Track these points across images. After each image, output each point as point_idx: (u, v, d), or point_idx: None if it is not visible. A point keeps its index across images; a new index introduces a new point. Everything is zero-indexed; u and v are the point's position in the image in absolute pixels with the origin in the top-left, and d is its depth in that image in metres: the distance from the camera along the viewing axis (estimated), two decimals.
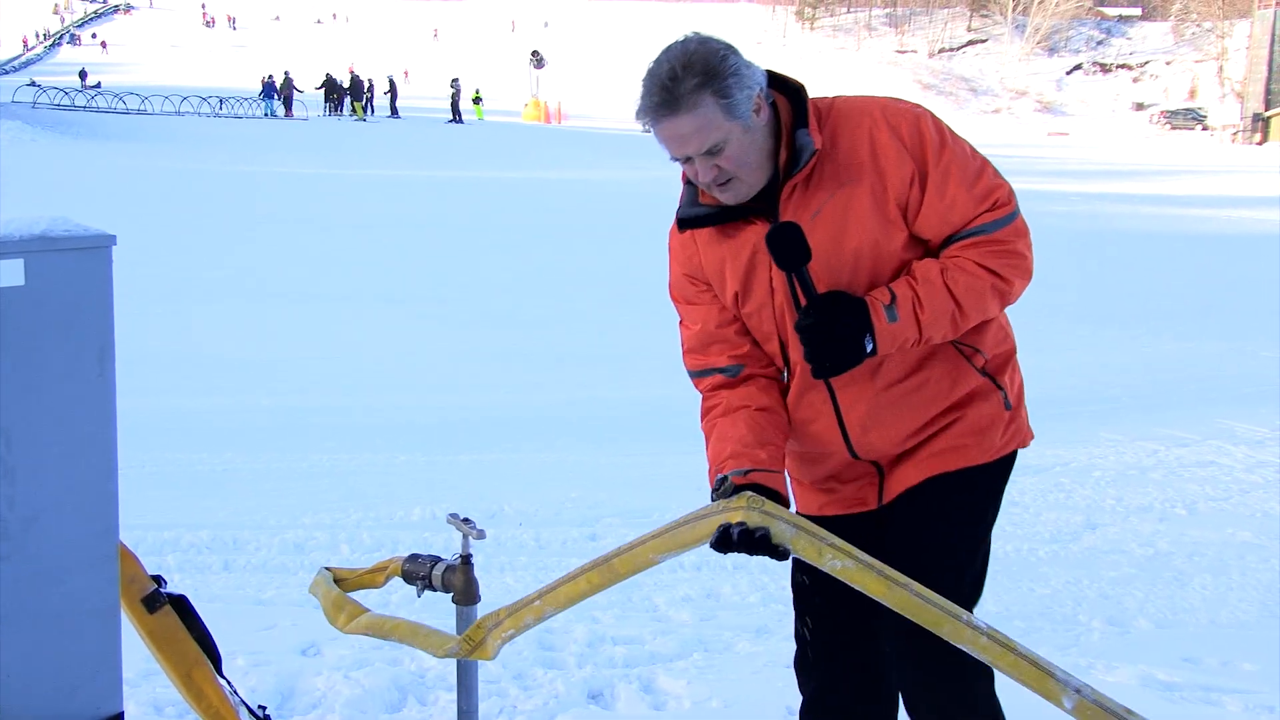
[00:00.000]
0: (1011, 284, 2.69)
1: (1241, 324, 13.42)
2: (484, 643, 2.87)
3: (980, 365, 2.80)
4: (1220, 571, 5.63)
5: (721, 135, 2.58)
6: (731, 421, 2.83)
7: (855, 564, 2.50)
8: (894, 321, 2.60)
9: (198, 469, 7.02)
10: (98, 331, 2.57)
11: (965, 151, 2.69)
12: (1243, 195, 33.31)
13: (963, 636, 2.45)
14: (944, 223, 2.66)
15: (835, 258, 2.67)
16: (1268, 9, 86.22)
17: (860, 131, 2.66)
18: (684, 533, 2.61)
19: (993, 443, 2.83)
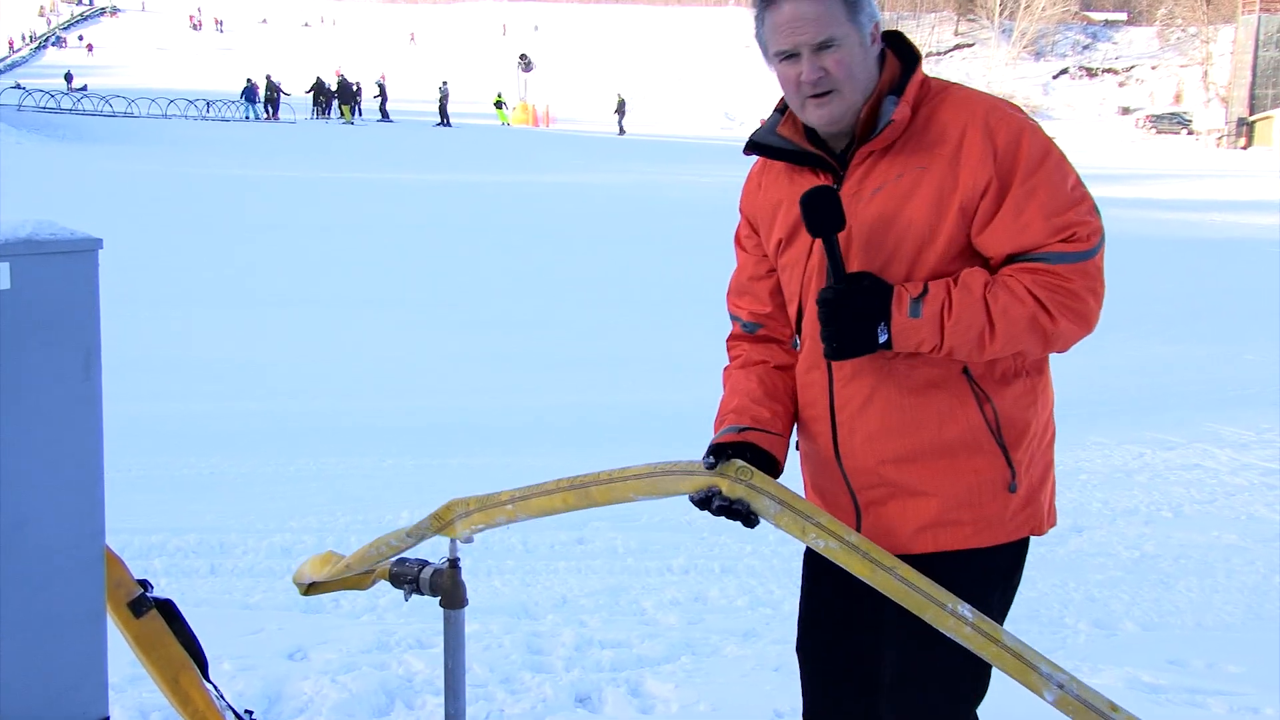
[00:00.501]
0: (1057, 323, 2.48)
1: (1227, 328, 13.47)
2: (452, 523, 2.91)
3: (990, 418, 2.59)
4: (1206, 574, 5.65)
5: (840, 32, 2.51)
6: (745, 375, 2.81)
7: (840, 545, 2.47)
8: (915, 317, 2.47)
9: (184, 473, 7.01)
10: (84, 335, 2.57)
11: (1063, 179, 2.53)
12: (1228, 199, 33.44)
13: (946, 624, 2.43)
14: (1011, 242, 2.50)
15: (879, 238, 2.56)
16: (1251, 14, 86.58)
17: (955, 122, 2.54)
18: (669, 483, 2.58)
19: (994, 521, 2.63)
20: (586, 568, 5.57)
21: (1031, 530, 2.68)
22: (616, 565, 5.62)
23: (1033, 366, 2.65)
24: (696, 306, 12.79)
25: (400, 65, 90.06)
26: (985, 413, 2.58)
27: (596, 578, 5.44)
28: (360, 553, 3.11)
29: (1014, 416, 2.61)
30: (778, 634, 4.80)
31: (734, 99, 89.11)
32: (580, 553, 5.77)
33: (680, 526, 6.16)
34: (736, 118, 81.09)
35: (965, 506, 2.60)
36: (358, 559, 3.12)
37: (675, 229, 21.33)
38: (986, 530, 2.62)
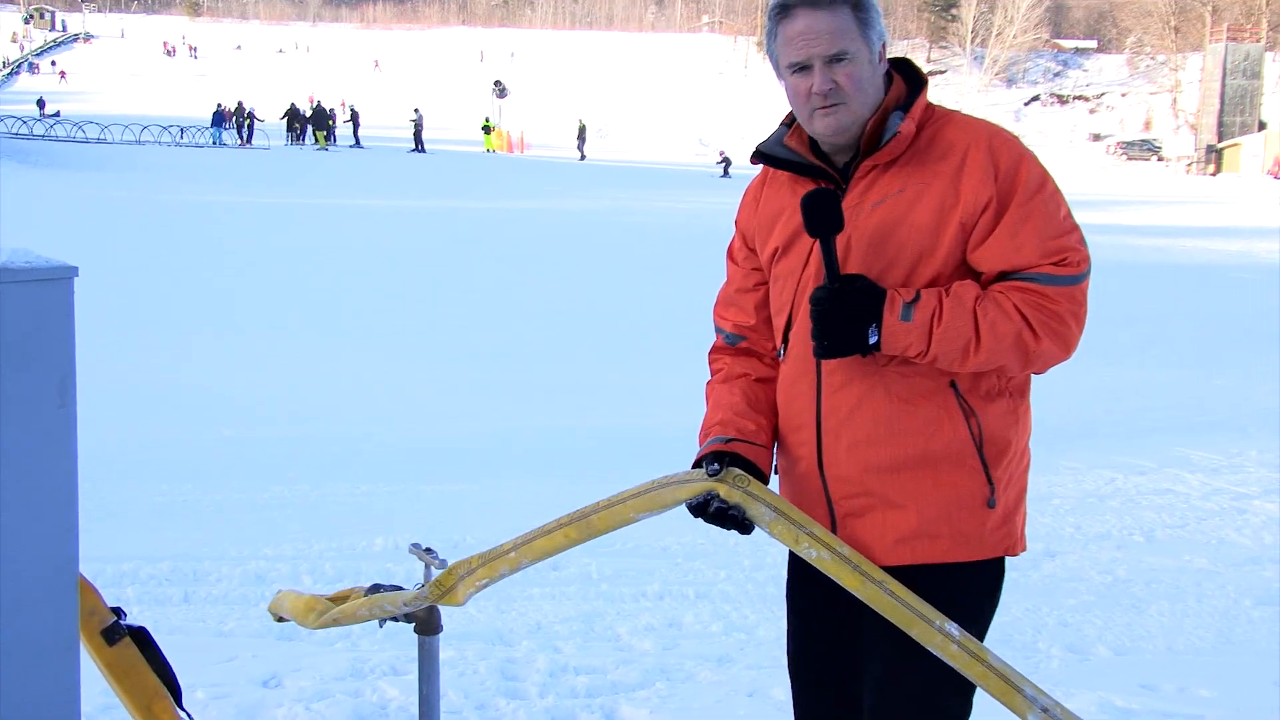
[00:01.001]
0: (1040, 342, 2.55)
1: (1196, 353, 13.57)
2: (454, 589, 2.85)
3: (975, 432, 2.64)
4: (1177, 598, 5.68)
5: (852, 46, 2.61)
6: (729, 389, 2.88)
7: (831, 555, 2.51)
8: (906, 321, 2.53)
9: (158, 500, 6.98)
10: (58, 363, 2.56)
11: (1057, 208, 2.61)
12: (1197, 226, 33.73)
13: (933, 641, 2.46)
14: (1005, 260, 2.58)
15: (878, 248, 2.63)
16: (1219, 43, 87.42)
17: (959, 143, 2.63)
18: (666, 494, 2.61)
19: (971, 536, 2.67)
20: (561, 594, 5.57)
21: (1006, 550, 2.72)
22: (591, 591, 5.62)
23: (1015, 389, 2.72)
24: (668, 332, 12.85)
25: (373, 92, 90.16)
26: (970, 426, 2.64)
27: (571, 604, 5.44)
28: (351, 609, 3.08)
29: (996, 434, 2.67)
30: (752, 659, 4.81)
31: (708, 125, 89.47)
32: (555, 579, 5.77)
33: (655, 553, 6.17)
34: (710, 144, 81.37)
35: (943, 520, 2.65)
36: (348, 615, 3.09)
37: (648, 255, 21.38)
38: (964, 545, 2.66)
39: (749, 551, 6.13)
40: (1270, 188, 60.66)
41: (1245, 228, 33.34)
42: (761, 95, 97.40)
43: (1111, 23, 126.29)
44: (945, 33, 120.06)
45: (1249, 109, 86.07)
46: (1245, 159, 79.19)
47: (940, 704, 2.72)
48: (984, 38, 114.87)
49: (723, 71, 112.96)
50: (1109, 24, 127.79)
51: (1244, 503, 7.36)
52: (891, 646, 2.66)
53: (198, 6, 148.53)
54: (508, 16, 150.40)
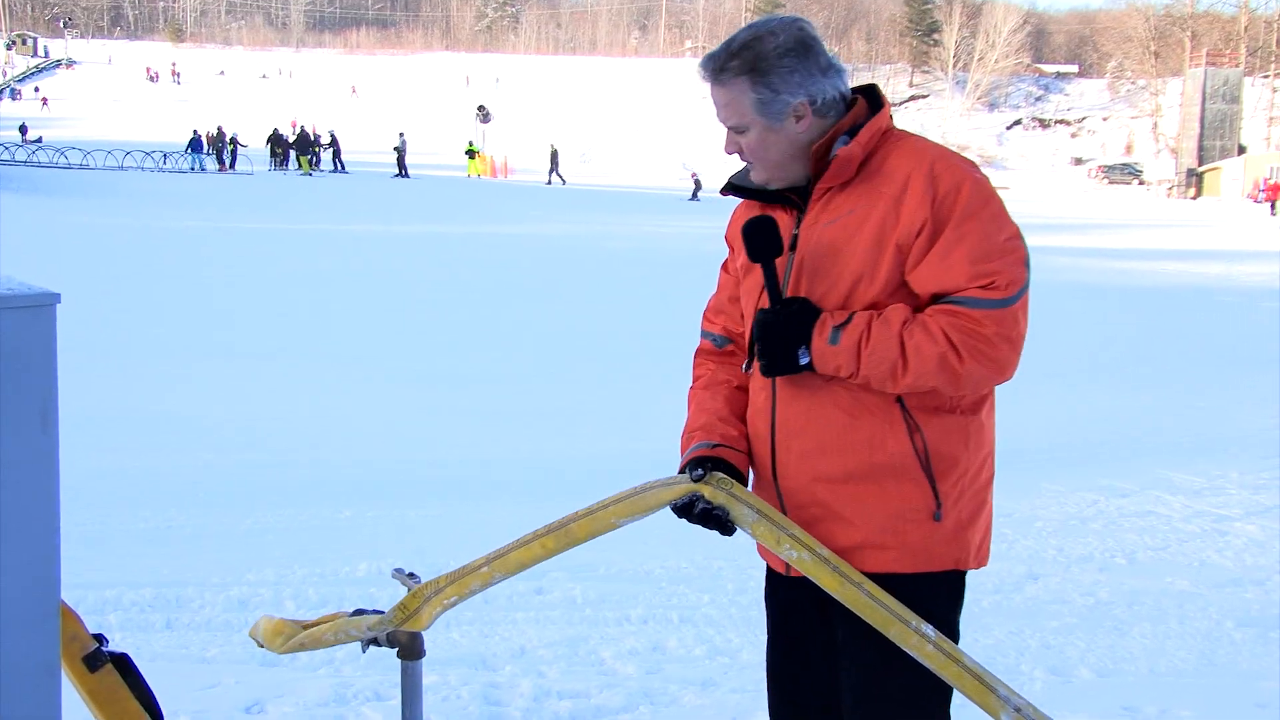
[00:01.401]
0: (965, 364, 2.59)
1: (1177, 375, 13.63)
2: (418, 611, 2.85)
3: (919, 447, 2.70)
4: (1159, 620, 5.70)
5: (744, 121, 2.75)
6: (711, 394, 2.98)
7: (811, 557, 2.56)
8: (834, 344, 2.62)
9: (140, 527, 6.96)
10: (41, 390, 2.56)
11: (997, 230, 2.65)
12: (1178, 249, 33.93)
13: (909, 642, 2.50)
14: (936, 282, 2.63)
15: (825, 268, 2.72)
16: (1198, 68, 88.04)
17: (903, 166, 2.69)
18: (649, 497, 2.65)
19: (918, 548, 2.73)
20: (545, 618, 5.56)
21: (957, 562, 2.77)
22: (575, 615, 5.61)
23: (968, 406, 2.77)
24: (651, 357, 12.87)
25: (356, 117, 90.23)
26: (914, 441, 2.70)
27: (555, 628, 5.44)
28: (316, 634, 3.08)
29: (943, 450, 2.72)
30: (736, 683, 4.81)
31: (692, 150, 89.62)
32: (539, 603, 5.76)
33: (639, 577, 6.17)
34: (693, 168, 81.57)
35: (888, 532, 2.72)
36: (313, 639, 3.09)
37: (631, 279, 21.44)
38: (909, 557, 2.72)
39: (733, 575, 6.14)
40: (1250, 211, 61.05)
41: (1226, 251, 33.55)
42: None
43: (1092, 47, 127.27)
44: (927, 57, 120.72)
45: (1229, 133, 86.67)
46: (1225, 183, 79.69)
47: (924, 707, 2.79)
48: (966, 62, 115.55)
49: (706, 96, 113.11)
50: (1090, 49, 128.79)
51: (1225, 525, 7.39)
52: (869, 649, 2.72)
53: (181, 32, 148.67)
54: (491, 42, 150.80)
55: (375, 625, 2.97)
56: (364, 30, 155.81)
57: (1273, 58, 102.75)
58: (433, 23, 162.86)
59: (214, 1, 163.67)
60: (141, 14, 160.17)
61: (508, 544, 2.76)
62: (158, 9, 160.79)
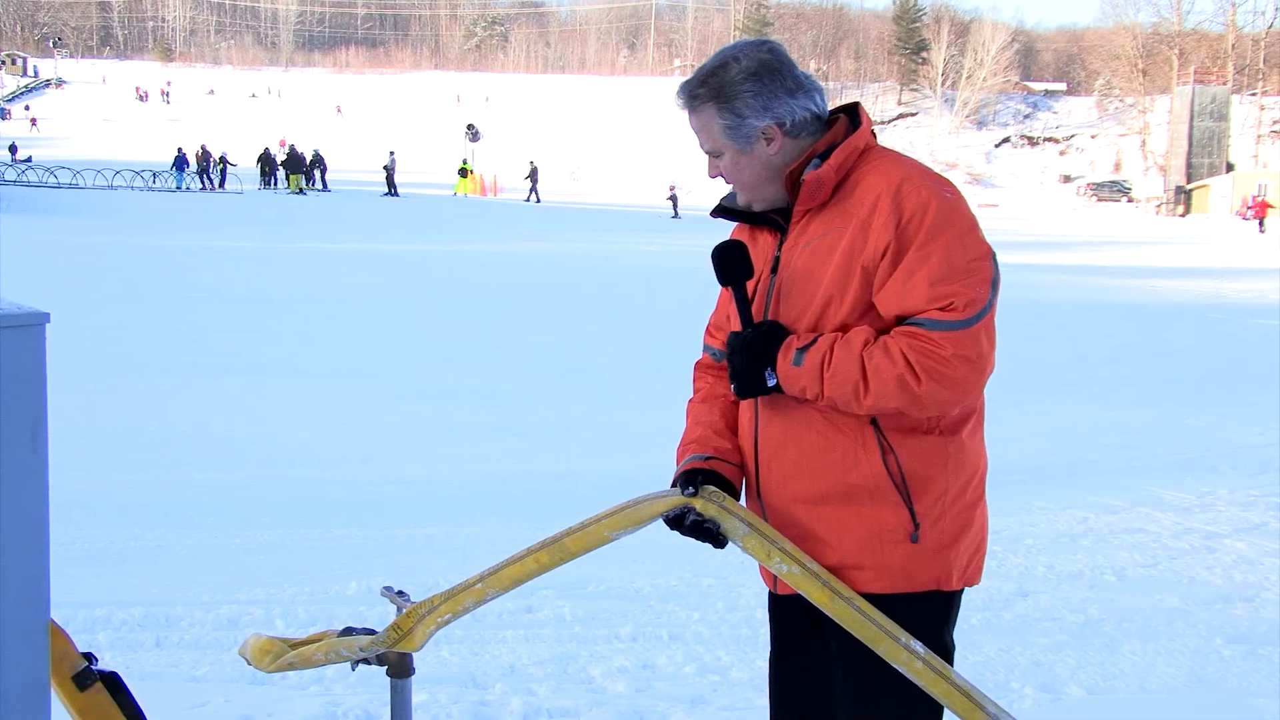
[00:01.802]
0: (922, 385, 2.59)
1: (1166, 393, 13.65)
2: (412, 631, 2.84)
3: (893, 468, 2.71)
4: (1149, 637, 5.71)
5: (716, 146, 2.80)
6: (708, 408, 3.02)
7: (802, 571, 2.58)
8: (797, 366, 2.66)
9: (129, 545, 6.94)
10: (30, 409, 2.57)
11: (962, 251, 2.65)
12: (1167, 266, 34.02)
13: (899, 658, 2.52)
14: (897, 304, 2.65)
15: (798, 291, 2.76)
16: (1186, 85, 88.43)
17: (873, 188, 2.71)
18: (642, 510, 2.67)
19: (896, 569, 2.74)
20: (534, 636, 5.56)
21: (938, 583, 2.77)
22: (564, 633, 5.61)
23: (947, 426, 2.78)
24: (640, 374, 12.87)
25: (345, 136, 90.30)
26: (888, 462, 2.71)
27: (544, 646, 5.43)
28: (306, 653, 3.07)
29: (918, 471, 2.73)
30: (725, 701, 4.80)
31: (681, 169, 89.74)
32: (528, 621, 5.76)
33: (628, 595, 6.17)
34: (684, 186, 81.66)
35: (865, 553, 2.73)
36: (303, 659, 3.08)
37: (620, 296, 21.47)
38: (887, 577, 2.74)
39: (722, 593, 6.14)
40: (1239, 229, 61.26)
41: (1215, 268, 33.65)
42: None
43: (1080, 65, 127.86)
44: (916, 75, 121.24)
45: (1217, 150, 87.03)
46: (1214, 200, 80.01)
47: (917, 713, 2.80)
48: (954, 80, 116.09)
49: None
50: (1078, 67, 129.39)
51: (1215, 541, 7.40)
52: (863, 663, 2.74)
53: (170, 52, 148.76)
54: (480, 61, 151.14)
55: (368, 646, 2.96)
56: (353, 50, 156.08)
57: (1260, 75, 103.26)
58: (422, 42, 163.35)
59: (203, 21, 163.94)
60: (131, 34, 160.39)
61: (501, 560, 2.76)
62: (147, 29, 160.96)
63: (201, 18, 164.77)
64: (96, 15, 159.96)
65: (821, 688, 3.00)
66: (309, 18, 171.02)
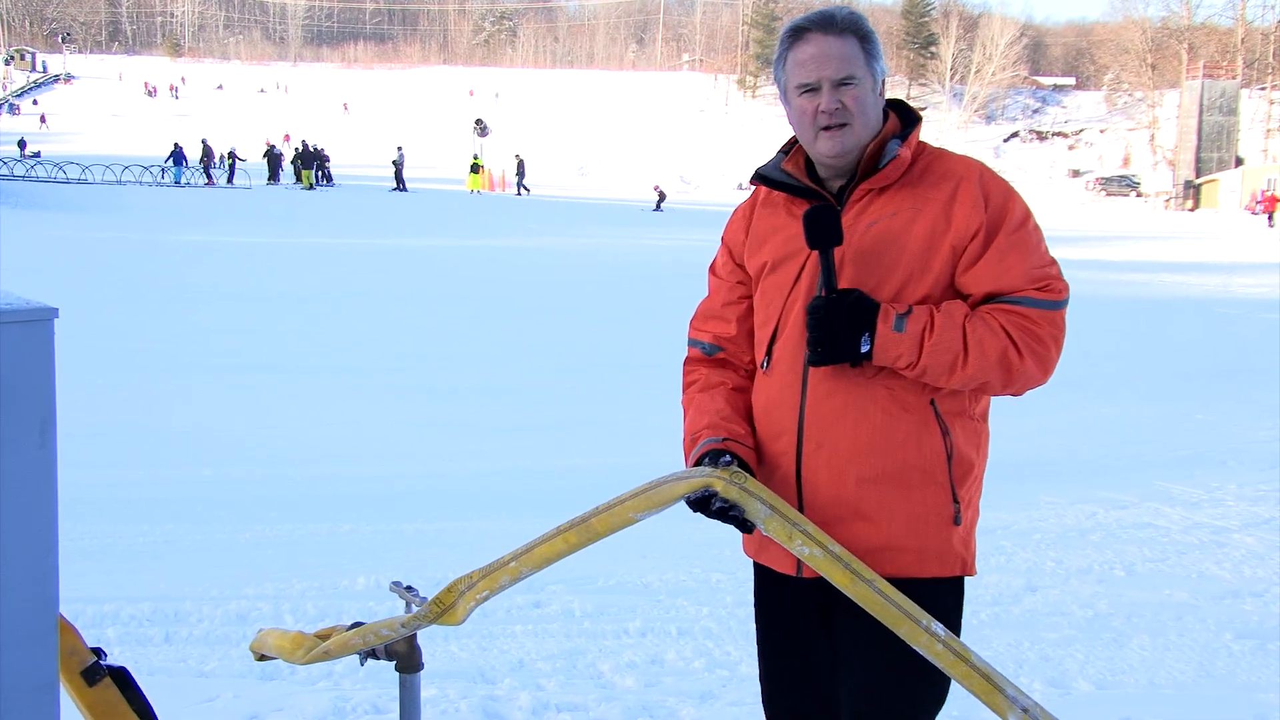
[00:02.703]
0: (1024, 360, 2.68)
1: (1176, 388, 13.64)
2: (454, 606, 2.83)
3: (949, 449, 2.77)
4: (1158, 632, 5.70)
5: (859, 72, 2.79)
6: (710, 396, 2.97)
7: (824, 554, 2.57)
8: (899, 332, 2.66)
9: (138, 541, 6.95)
10: (39, 404, 2.57)
11: (1039, 242, 2.78)
12: (1177, 261, 33.97)
13: (919, 641, 2.51)
14: (993, 282, 2.72)
15: (870, 267, 2.76)
16: (1195, 79, 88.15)
17: (951, 174, 2.79)
18: (665, 491, 2.64)
19: (934, 552, 2.78)
20: (543, 631, 5.56)
21: (964, 569, 2.83)
22: (573, 628, 5.61)
23: (979, 414, 2.87)
24: (647, 370, 12.86)
25: (352, 131, 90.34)
26: (946, 444, 2.76)
27: (553, 641, 5.44)
28: (342, 640, 3.06)
29: (964, 453, 2.80)
30: (734, 696, 4.81)
31: (690, 163, 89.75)
32: (537, 616, 5.76)
33: (637, 589, 6.17)
34: (692, 181, 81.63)
35: (911, 534, 2.76)
36: (339, 645, 3.07)
37: (627, 292, 21.46)
38: (928, 560, 2.77)
39: (731, 588, 6.14)
40: (1248, 223, 61.12)
41: (1224, 263, 33.59)
42: (743, 133, 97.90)
43: (1089, 60, 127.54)
44: (925, 70, 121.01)
45: (1226, 145, 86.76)
46: (1223, 195, 79.82)
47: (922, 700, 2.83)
48: (963, 75, 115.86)
49: (704, 109, 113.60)
50: (1087, 61, 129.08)
51: (1224, 536, 7.39)
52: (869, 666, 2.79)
53: (179, 47, 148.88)
54: (489, 56, 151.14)
55: (409, 622, 2.95)
56: (361, 44, 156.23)
57: (1270, 70, 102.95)
58: (430, 37, 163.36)
59: (211, 16, 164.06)
60: (140, 29, 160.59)
61: (532, 540, 2.76)
62: (155, 24, 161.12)
63: (210, 13, 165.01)
64: (105, 10, 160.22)
65: (816, 681, 2.98)
66: (317, 12, 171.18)
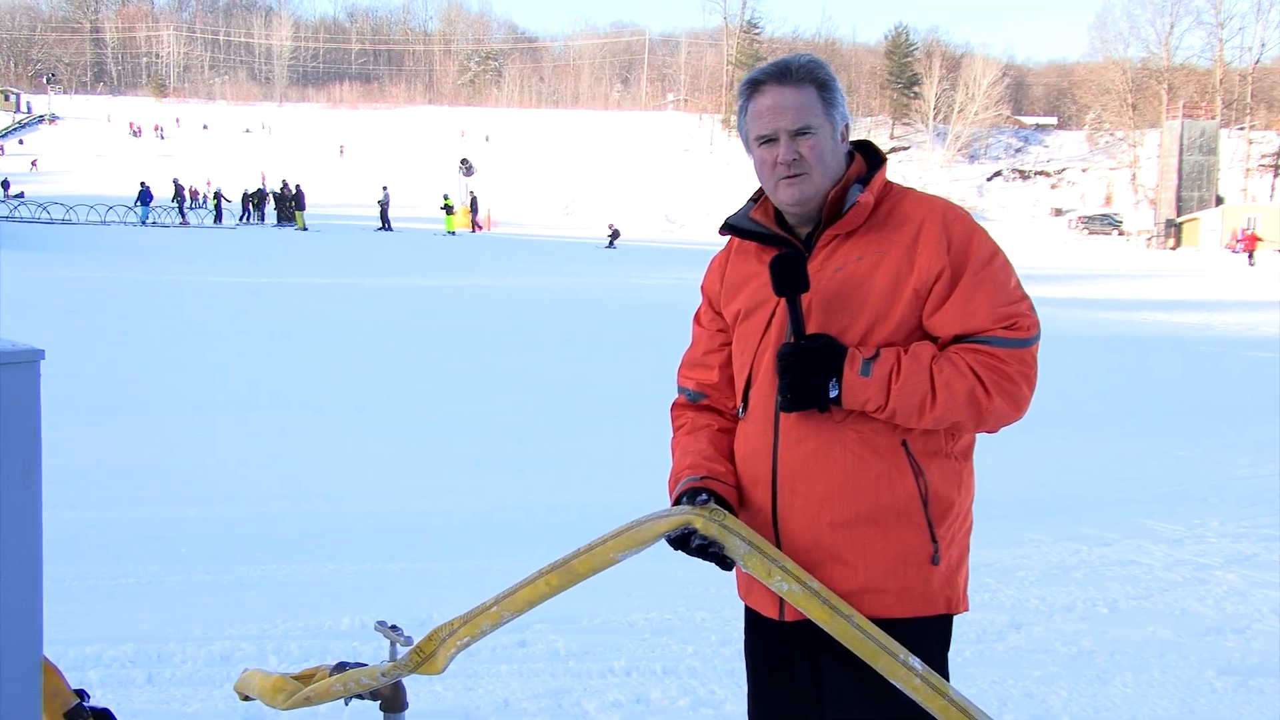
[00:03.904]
0: (992, 400, 2.70)
1: (1158, 424, 13.68)
2: (435, 654, 2.84)
3: (922, 490, 2.77)
4: (1141, 669, 5.71)
5: (815, 121, 2.81)
6: (694, 438, 3.02)
7: (802, 589, 2.58)
8: (865, 376, 2.68)
9: (122, 581, 6.92)
10: (24, 446, 2.57)
11: (1007, 279, 2.80)
12: (1158, 299, 34.14)
13: (897, 674, 2.53)
14: (960, 324, 2.74)
15: (836, 311, 2.79)
16: (1175, 119, 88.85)
17: (915, 215, 2.81)
18: (645, 530, 2.66)
19: (916, 592, 2.79)
20: (528, 670, 5.55)
21: (950, 606, 2.84)
22: (558, 668, 5.60)
23: (959, 452, 2.86)
24: (635, 408, 12.86)
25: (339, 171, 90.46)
26: (919, 485, 2.77)
27: (539, 680, 5.43)
28: (324, 687, 3.07)
29: (941, 493, 2.80)
30: None
31: (675, 202, 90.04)
32: (522, 655, 5.75)
33: (622, 628, 6.16)
34: (677, 220, 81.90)
35: (890, 576, 2.77)
36: (320, 693, 3.08)
37: (613, 330, 21.50)
38: (908, 600, 2.78)
39: (716, 627, 6.14)
40: (1229, 261, 61.48)
41: (1205, 300, 33.76)
42: (727, 172, 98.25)
43: (1071, 99, 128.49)
44: (908, 110, 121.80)
45: (1206, 184, 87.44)
46: (1204, 233, 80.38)
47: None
48: (946, 114, 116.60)
49: (688, 149, 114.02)
50: (1068, 101, 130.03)
51: (1206, 573, 7.41)
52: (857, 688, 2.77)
53: (164, 88, 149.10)
54: (474, 95, 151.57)
55: (390, 671, 2.96)
56: (347, 85, 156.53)
57: (1248, 110, 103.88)
58: (416, 77, 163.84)
59: (197, 57, 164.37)
60: (125, 69, 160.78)
61: (514, 584, 2.77)
62: (140, 65, 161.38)
63: (195, 53, 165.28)
64: (90, 52, 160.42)
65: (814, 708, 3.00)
66: (303, 53, 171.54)
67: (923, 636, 2.78)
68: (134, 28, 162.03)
